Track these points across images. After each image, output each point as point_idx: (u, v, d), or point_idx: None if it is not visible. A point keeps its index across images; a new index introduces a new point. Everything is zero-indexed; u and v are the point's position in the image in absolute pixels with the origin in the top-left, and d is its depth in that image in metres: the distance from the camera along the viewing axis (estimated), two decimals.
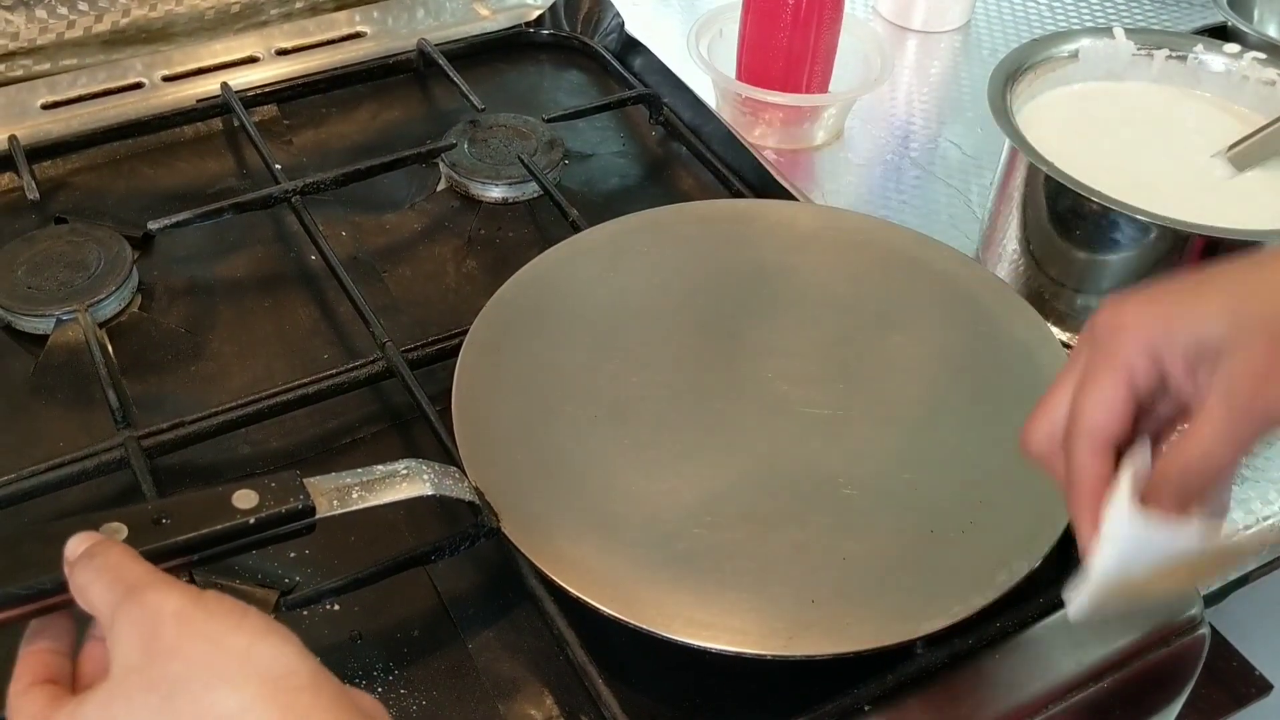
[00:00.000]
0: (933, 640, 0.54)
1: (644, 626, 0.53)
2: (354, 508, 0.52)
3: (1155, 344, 0.44)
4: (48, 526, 0.45)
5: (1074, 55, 0.82)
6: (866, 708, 0.53)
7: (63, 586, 0.45)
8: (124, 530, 0.46)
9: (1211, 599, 0.70)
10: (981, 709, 0.54)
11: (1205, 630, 0.59)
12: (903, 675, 0.54)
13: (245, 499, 0.49)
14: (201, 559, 0.49)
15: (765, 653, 0.52)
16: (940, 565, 0.56)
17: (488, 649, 0.57)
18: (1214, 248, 0.68)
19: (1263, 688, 1.18)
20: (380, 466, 0.54)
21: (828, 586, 0.55)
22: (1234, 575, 0.69)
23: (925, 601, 0.54)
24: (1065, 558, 0.59)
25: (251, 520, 0.49)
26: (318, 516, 0.51)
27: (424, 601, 0.59)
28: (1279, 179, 0.75)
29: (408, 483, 0.54)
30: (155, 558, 0.47)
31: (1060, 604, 0.56)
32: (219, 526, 0.48)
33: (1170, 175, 0.75)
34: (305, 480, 0.51)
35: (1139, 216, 0.68)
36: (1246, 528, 0.67)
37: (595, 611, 0.53)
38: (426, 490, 0.55)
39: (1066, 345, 0.76)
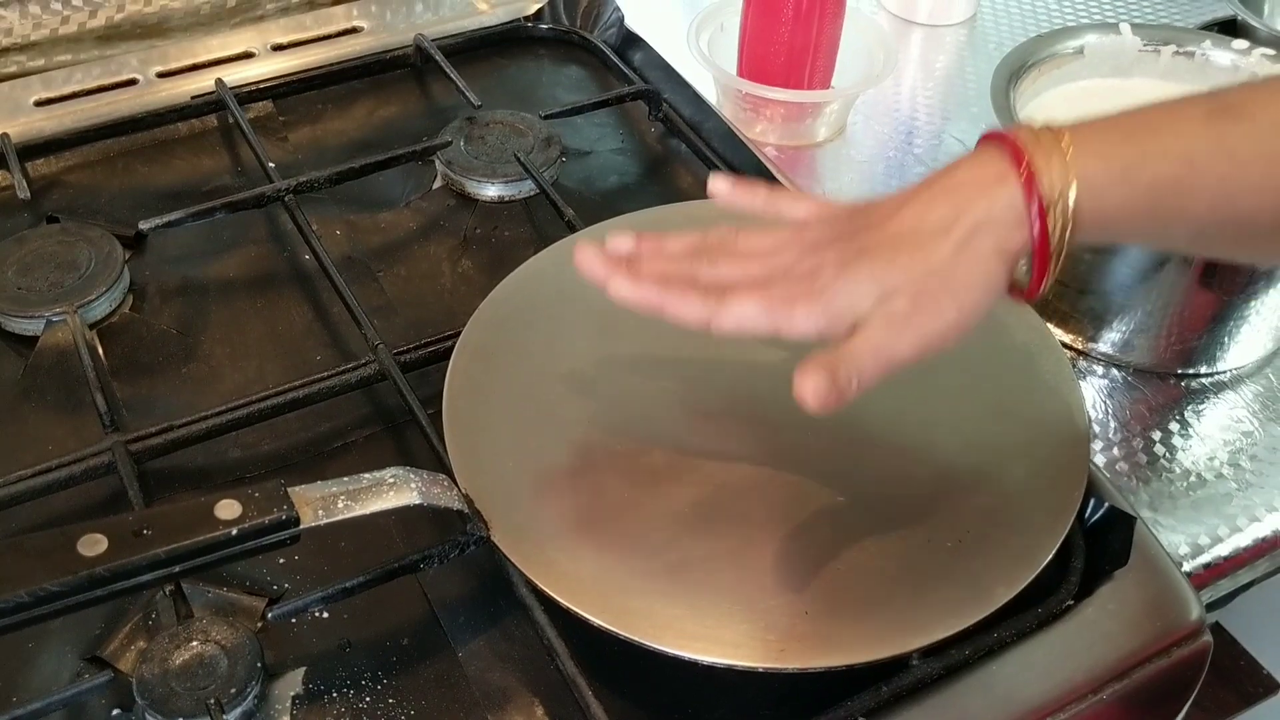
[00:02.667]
0: (928, 652, 0.53)
1: (634, 638, 0.52)
2: (339, 518, 0.51)
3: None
4: (23, 540, 0.44)
5: (1079, 51, 0.81)
6: (860, 719, 0.53)
7: (41, 600, 0.44)
8: (104, 542, 0.46)
9: (1219, 600, 0.69)
10: None
11: (1208, 638, 0.58)
12: (897, 687, 0.53)
13: (228, 509, 0.48)
14: (184, 570, 0.48)
15: (757, 665, 0.51)
16: (936, 575, 0.55)
17: (478, 658, 0.57)
18: None
19: (1270, 687, 1.17)
20: (367, 475, 0.54)
21: (821, 597, 0.54)
22: (1244, 580, 0.68)
23: (921, 613, 0.54)
24: (1064, 568, 0.58)
25: (234, 531, 0.48)
26: (302, 527, 0.50)
27: (414, 609, 0.58)
28: None
29: (395, 492, 0.54)
30: (136, 570, 0.46)
31: (1059, 614, 0.56)
32: (201, 538, 0.47)
33: None
34: (290, 490, 0.51)
35: None
36: (1254, 529, 0.67)
37: (585, 622, 0.53)
38: (414, 499, 0.54)
39: (1068, 347, 0.75)
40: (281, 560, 0.60)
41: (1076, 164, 0.49)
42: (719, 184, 0.61)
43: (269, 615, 0.55)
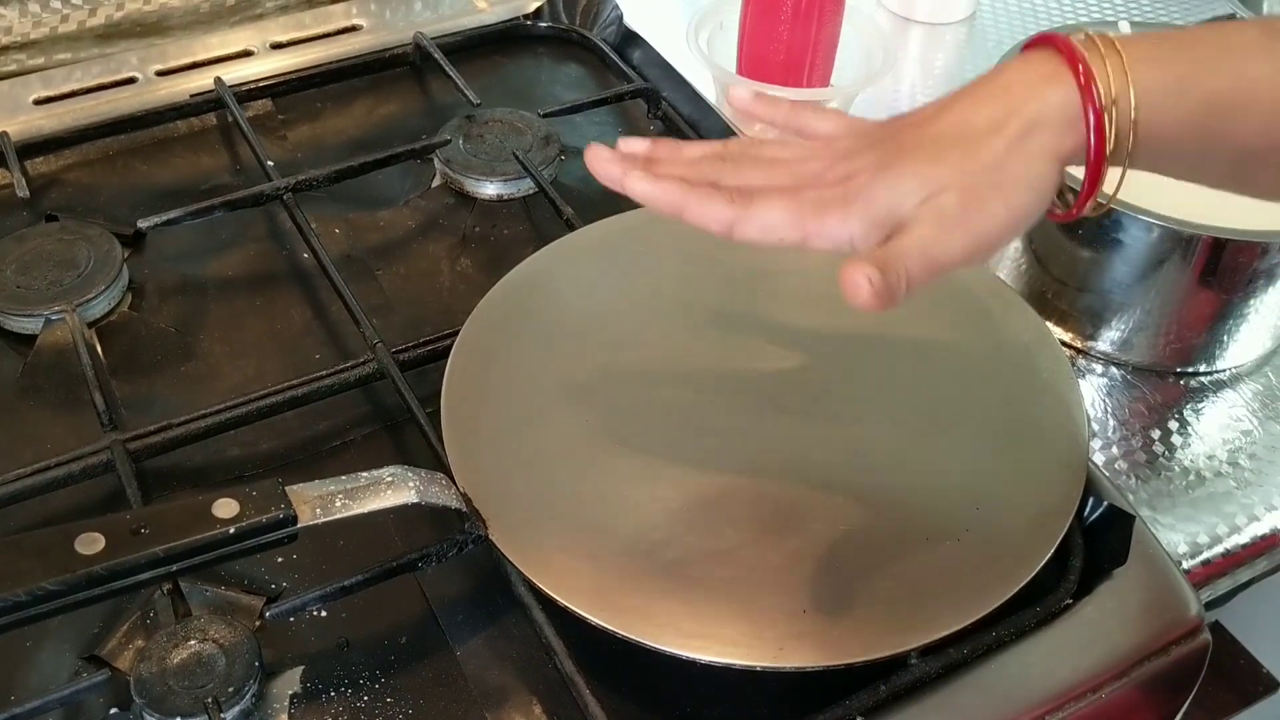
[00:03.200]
0: (927, 651, 0.53)
1: (632, 637, 0.52)
2: (337, 516, 0.51)
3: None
4: (21, 539, 0.44)
5: None
6: (859, 719, 0.52)
7: (38, 598, 0.44)
8: (101, 541, 0.46)
9: (1219, 599, 0.69)
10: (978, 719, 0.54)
11: (1207, 636, 0.58)
12: (896, 686, 0.53)
13: (226, 508, 0.48)
14: (182, 569, 0.48)
15: (755, 664, 0.51)
16: (935, 573, 0.55)
17: (476, 657, 0.57)
18: (1218, 248, 0.67)
19: (1270, 686, 1.17)
20: (365, 474, 0.54)
21: (820, 595, 0.54)
22: (1243, 578, 0.68)
23: (920, 611, 0.54)
24: (1063, 567, 0.58)
25: (232, 530, 0.48)
26: (300, 526, 0.50)
27: (412, 608, 0.58)
28: None
29: (393, 490, 0.54)
30: (133, 569, 0.46)
31: (1058, 613, 0.56)
32: (198, 537, 0.47)
33: None
34: (288, 488, 0.51)
35: (1142, 217, 0.67)
36: (1252, 527, 0.67)
37: (583, 621, 0.53)
38: (412, 498, 0.54)
39: (1066, 345, 0.75)
40: (280, 559, 0.59)
41: (1133, 68, 0.47)
42: (739, 92, 0.58)
43: (267, 614, 0.55)
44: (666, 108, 0.89)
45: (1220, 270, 0.69)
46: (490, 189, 0.81)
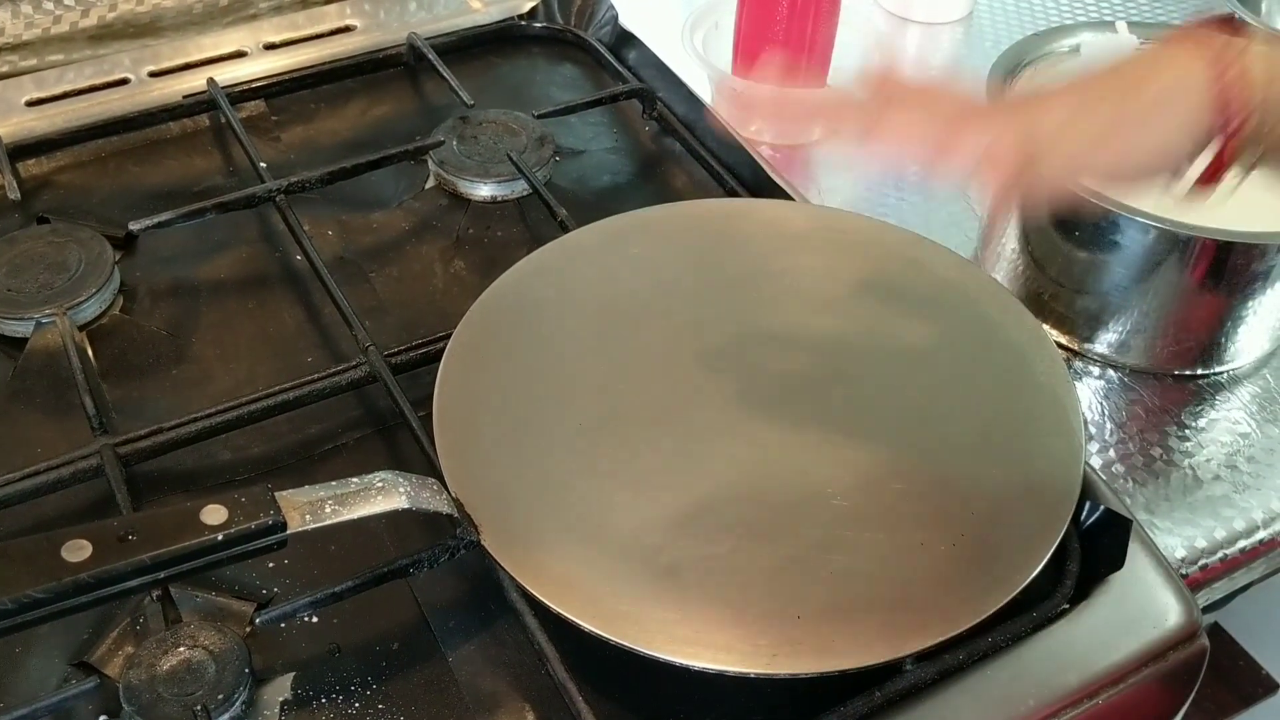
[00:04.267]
0: (922, 656, 0.53)
1: (624, 643, 0.51)
2: (327, 522, 0.51)
3: None
4: (6, 546, 0.44)
5: (1075, 50, 0.80)
6: None
7: (25, 606, 0.44)
8: (88, 548, 0.45)
9: (1216, 602, 0.69)
10: None
11: (1204, 641, 0.58)
12: (891, 692, 0.53)
13: (214, 514, 0.48)
14: (170, 577, 0.48)
15: (749, 670, 0.51)
16: (931, 579, 0.55)
17: (469, 663, 0.56)
18: (1215, 250, 0.67)
19: (1270, 687, 1.17)
20: (355, 479, 0.53)
21: (814, 601, 0.54)
22: (1241, 582, 0.68)
23: (915, 617, 0.53)
24: (1060, 571, 0.58)
25: (220, 537, 0.48)
26: (289, 532, 0.50)
27: (404, 613, 0.58)
28: None
29: (383, 496, 0.53)
30: (120, 576, 0.46)
31: (1054, 618, 0.56)
32: (186, 544, 0.47)
33: None
34: (277, 494, 0.50)
35: (1139, 219, 0.66)
36: (1250, 531, 0.66)
37: (576, 627, 0.52)
38: (403, 504, 0.53)
39: (1063, 348, 0.75)
40: (270, 564, 0.59)
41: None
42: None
43: (257, 620, 0.54)
44: (662, 108, 0.88)
45: (1218, 272, 0.69)
46: (484, 190, 0.81)
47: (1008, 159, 0.52)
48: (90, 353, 0.70)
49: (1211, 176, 0.53)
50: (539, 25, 0.98)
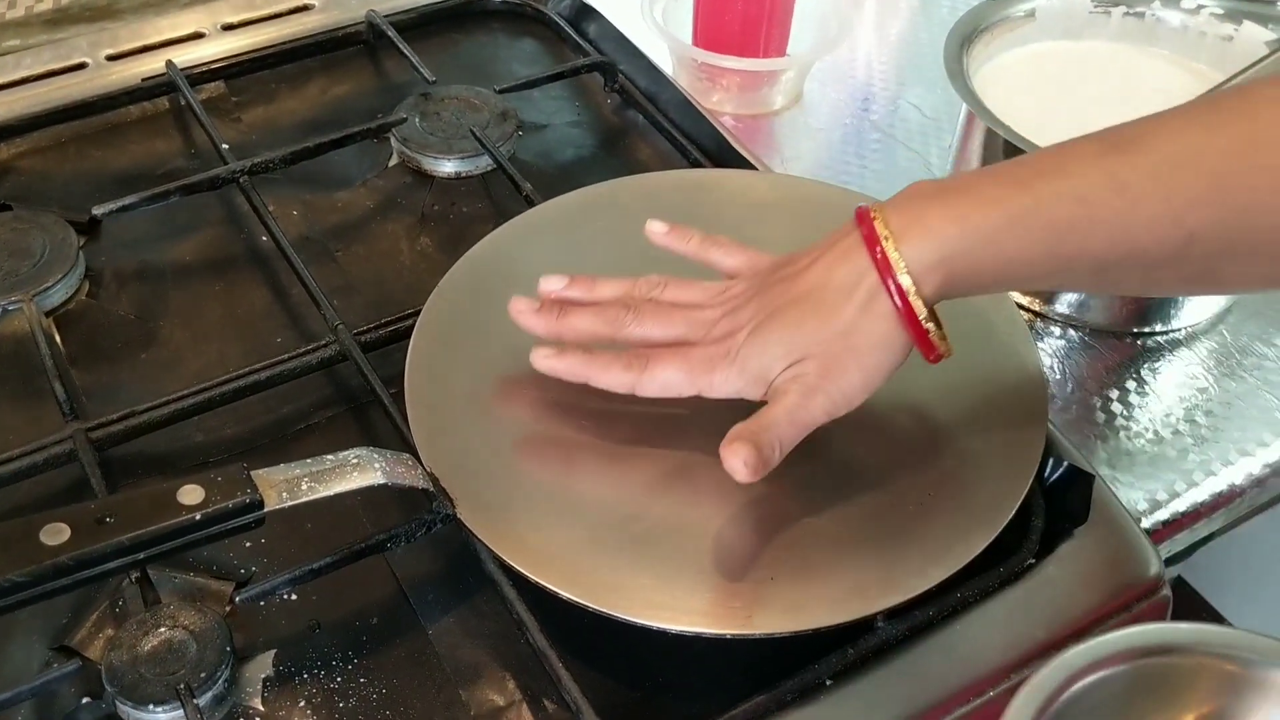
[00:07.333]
0: (893, 613, 0.54)
1: (602, 610, 0.52)
2: (304, 499, 0.52)
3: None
4: None
5: (1031, 14, 0.81)
6: (828, 682, 0.53)
7: (5, 591, 0.44)
8: (66, 531, 0.46)
9: (1179, 554, 0.70)
10: (942, 680, 0.54)
11: (1167, 592, 0.59)
12: (863, 649, 0.54)
13: (191, 494, 0.48)
14: (149, 557, 0.48)
15: (725, 632, 0.52)
16: (899, 539, 0.56)
17: (448, 635, 0.57)
18: None
19: None
20: (330, 456, 0.54)
21: (787, 564, 0.55)
22: (1202, 534, 0.69)
23: (884, 576, 0.54)
24: (1025, 527, 0.59)
25: (198, 516, 0.48)
26: (266, 510, 0.50)
27: (383, 589, 0.58)
28: None
29: (359, 472, 0.54)
30: (100, 559, 0.46)
31: (1020, 573, 0.57)
32: (164, 524, 0.47)
33: None
34: (253, 473, 0.51)
35: None
36: (1210, 483, 0.68)
37: (554, 595, 0.53)
38: (378, 479, 0.54)
39: (1024, 309, 0.76)
40: (248, 544, 0.59)
41: (941, 229, 0.52)
42: (655, 226, 0.65)
43: (237, 599, 0.55)
44: (623, 80, 0.89)
45: None
46: (448, 167, 0.81)
47: (744, 439, 0.54)
48: (58, 338, 0.70)
49: (934, 357, 0.56)
50: (498, 0, 0.98)
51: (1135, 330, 0.75)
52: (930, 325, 0.54)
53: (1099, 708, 0.46)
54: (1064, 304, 0.75)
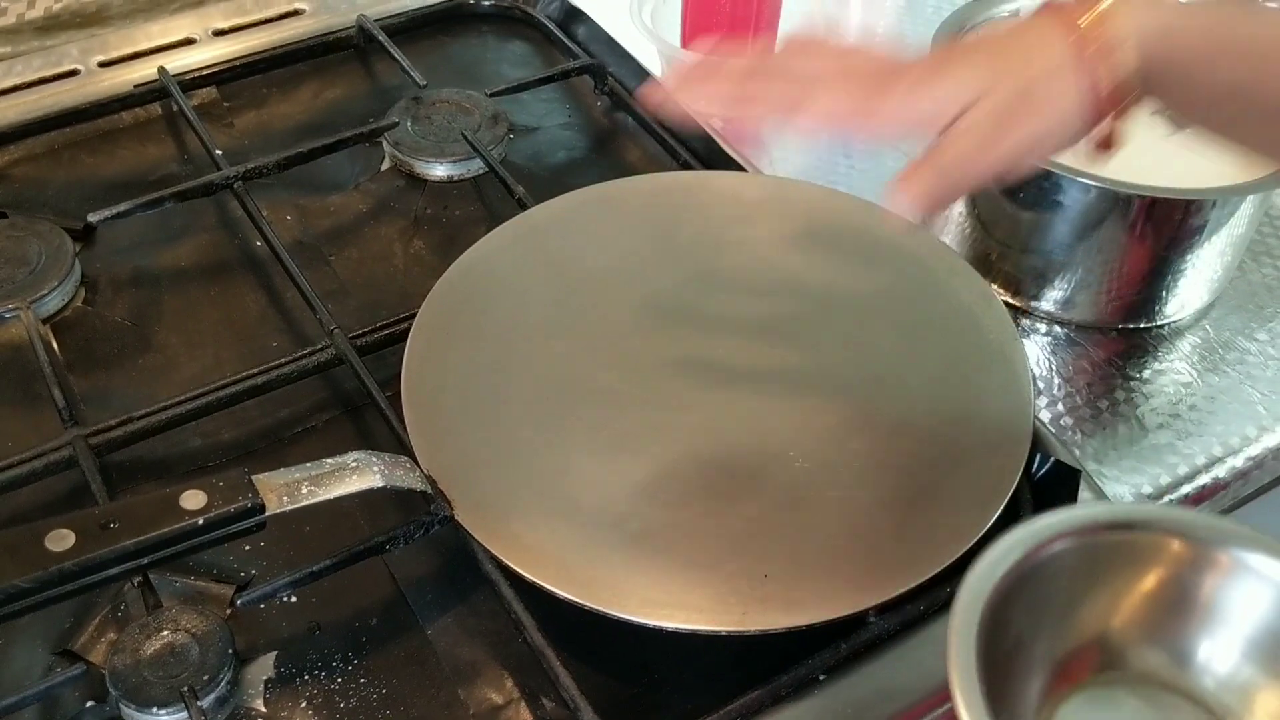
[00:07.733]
0: (885, 609, 0.55)
1: (598, 608, 0.53)
2: (304, 503, 0.52)
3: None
4: None
5: (1016, 14, 0.82)
6: (821, 676, 0.54)
7: (11, 596, 0.45)
8: (71, 537, 0.46)
9: None
10: (934, 673, 0.55)
11: None
12: (856, 644, 0.55)
13: (193, 499, 0.49)
14: (153, 562, 0.49)
15: (720, 629, 0.53)
16: (891, 533, 0.57)
17: (446, 634, 0.58)
18: (1153, 207, 0.69)
19: None
20: (329, 460, 0.54)
21: (781, 560, 0.56)
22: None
23: (877, 570, 0.55)
24: (1014, 521, 0.59)
25: (200, 521, 0.49)
26: (267, 514, 0.51)
27: (381, 590, 0.59)
28: None
29: (358, 475, 0.54)
30: (104, 564, 0.47)
31: None
32: (168, 529, 0.48)
33: None
34: (254, 477, 0.51)
35: (1079, 178, 0.68)
36: (1194, 476, 0.69)
37: (551, 594, 0.54)
38: (377, 482, 0.55)
39: (1011, 306, 0.77)
40: (248, 547, 0.60)
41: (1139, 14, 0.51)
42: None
43: (238, 602, 0.55)
44: (613, 83, 0.89)
45: (1157, 228, 0.71)
46: (440, 170, 0.82)
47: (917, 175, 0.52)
48: (55, 345, 0.70)
49: (1105, 144, 0.54)
50: (488, 3, 0.99)
51: (1120, 326, 0.76)
52: (1118, 103, 0.52)
53: (1057, 577, 0.49)
54: (1049, 301, 0.76)
